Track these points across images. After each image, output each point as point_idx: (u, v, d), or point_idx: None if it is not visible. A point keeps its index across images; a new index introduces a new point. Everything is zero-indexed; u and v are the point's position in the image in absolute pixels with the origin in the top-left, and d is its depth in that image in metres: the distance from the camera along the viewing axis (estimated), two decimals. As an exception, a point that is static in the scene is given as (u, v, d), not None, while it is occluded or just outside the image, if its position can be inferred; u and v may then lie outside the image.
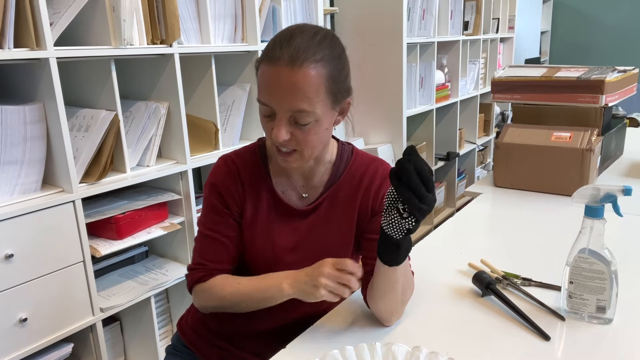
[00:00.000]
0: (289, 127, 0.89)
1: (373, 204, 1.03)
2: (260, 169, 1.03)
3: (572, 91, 1.68)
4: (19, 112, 1.31)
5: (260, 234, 1.02)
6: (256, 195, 1.02)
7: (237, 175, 1.01)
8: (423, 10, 2.83)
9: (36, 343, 1.37)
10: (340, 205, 1.03)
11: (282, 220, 1.02)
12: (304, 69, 0.86)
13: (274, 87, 0.87)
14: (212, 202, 1.02)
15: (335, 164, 1.04)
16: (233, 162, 1.03)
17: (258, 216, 1.02)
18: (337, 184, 1.03)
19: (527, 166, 1.66)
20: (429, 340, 0.90)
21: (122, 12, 1.42)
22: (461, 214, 1.55)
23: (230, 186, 1.01)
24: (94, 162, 1.48)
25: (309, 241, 1.03)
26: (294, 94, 0.86)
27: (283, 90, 0.86)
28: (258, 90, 0.91)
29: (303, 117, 0.89)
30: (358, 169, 1.04)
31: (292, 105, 0.87)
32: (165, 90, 1.67)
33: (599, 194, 0.92)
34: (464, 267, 1.18)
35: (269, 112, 0.90)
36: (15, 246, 1.29)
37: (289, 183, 1.04)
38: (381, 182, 1.03)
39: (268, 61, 0.88)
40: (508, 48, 4.14)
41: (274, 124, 0.90)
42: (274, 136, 0.89)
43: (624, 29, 5.14)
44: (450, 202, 3.50)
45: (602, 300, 0.92)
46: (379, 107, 2.78)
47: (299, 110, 0.88)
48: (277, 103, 0.88)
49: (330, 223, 1.03)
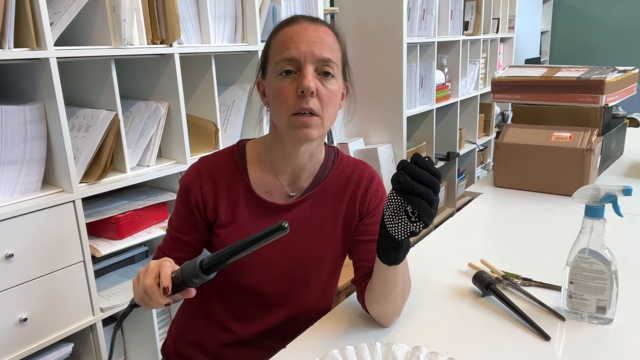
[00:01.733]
0: (314, 79, 0.90)
1: (361, 208, 1.03)
2: (237, 170, 1.01)
3: (572, 91, 1.68)
4: (19, 112, 1.31)
5: (238, 234, 0.99)
6: (233, 196, 1.00)
7: (209, 176, 1.00)
8: (423, 10, 2.83)
9: (36, 343, 1.37)
10: (324, 206, 1.02)
11: (264, 219, 1.00)
12: (324, 27, 0.93)
13: (300, 38, 0.89)
14: (177, 203, 1.03)
15: (323, 165, 1.04)
16: (206, 164, 1.02)
17: (236, 217, 1.00)
18: (323, 184, 1.03)
19: (527, 166, 1.66)
20: (429, 340, 0.90)
21: (122, 12, 1.42)
22: (461, 214, 1.55)
23: (200, 188, 1.00)
24: (94, 162, 1.48)
25: (290, 239, 0.99)
26: (321, 43, 0.90)
27: (310, 40, 0.89)
28: (277, 51, 0.91)
29: (328, 67, 0.90)
30: (344, 171, 1.04)
31: (321, 52, 0.89)
32: (165, 90, 1.67)
33: (599, 194, 0.92)
34: (464, 267, 1.18)
35: (294, 67, 0.90)
36: (15, 246, 1.29)
37: (275, 182, 1.02)
38: (368, 185, 1.03)
39: (288, 24, 0.92)
40: (508, 48, 4.14)
41: (299, 79, 0.89)
42: (305, 85, 0.88)
43: (624, 29, 5.14)
44: (450, 202, 3.50)
45: (602, 300, 0.92)
46: (379, 107, 2.78)
47: (326, 59, 0.90)
48: (305, 51, 0.89)
49: (313, 223, 1.02)
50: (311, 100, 0.89)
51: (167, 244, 1.05)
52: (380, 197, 1.04)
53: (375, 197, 1.03)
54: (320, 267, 1.04)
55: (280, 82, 0.91)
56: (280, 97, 0.91)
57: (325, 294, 1.10)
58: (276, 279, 1.02)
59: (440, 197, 3.37)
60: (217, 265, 0.76)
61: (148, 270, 0.81)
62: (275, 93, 0.92)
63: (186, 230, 1.02)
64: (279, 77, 0.91)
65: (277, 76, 0.91)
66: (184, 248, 1.03)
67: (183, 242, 1.03)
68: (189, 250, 1.04)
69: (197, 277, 0.77)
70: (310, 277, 1.04)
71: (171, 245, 1.04)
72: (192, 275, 0.77)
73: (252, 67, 1.93)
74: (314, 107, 0.90)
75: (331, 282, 1.10)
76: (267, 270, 1.01)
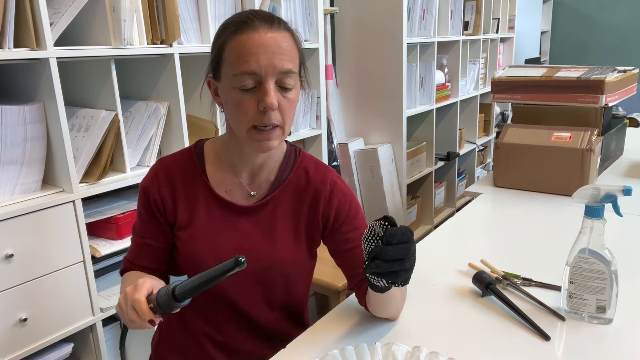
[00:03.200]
0: (276, 94, 0.87)
1: (326, 212, 1.00)
2: (195, 170, 0.99)
3: (572, 91, 1.68)
4: (19, 112, 1.31)
5: (199, 235, 0.98)
6: (191, 196, 0.98)
7: (166, 177, 0.98)
8: (423, 10, 2.83)
9: (36, 343, 1.37)
10: (284, 209, 1.00)
11: (225, 220, 0.98)
12: (282, 30, 0.88)
13: (259, 50, 0.84)
14: (139, 208, 1.01)
15: (283, 164, 1.01)
16: (163, 165, 1.00)
17: (195, 217, 0.98)
18: (283, 186, 1.00)
19: (527, 166, 1.66)
20: (429, 340, 0.90)
21: (122, 12, 1.42)
22: (461, 214, 1.55)
23: (157, 190, 0.98)
24: (94, 162, 1.48)
25: (253, 242, 0.98)
26: (281, 53, 0.85)
27: (270, 51, 0.85)
28: (235, 63, 0.86)
29: (288, 80, 0.87)
30: (304, 173, 1.01)
31: (282, 64, 0.85)
32: (165, 90, 1.67)
33: (599, 194, 0.92)
34: (464, 267, 1.18)
35: (253, 82, 0.86)
36: (15, 246, 1.29)
37: (234, 181, 0.99)
38: (331, 189, 1.00)
39: (244, 30, 0.85)
40: (508, 48, 4.14)
41: (260, 95, 0.86)
42: (268, 102, 0.85)
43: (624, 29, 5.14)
44: (450, 202, 3.50)
45: (602, 300, 0.92)
46: (379, 107, 2.78)
47: (286, 71, 0.86)
48: (265, 65, 0.84)
49: (275, 226, 0.99)
50: (272, 114, 0.87)
51: (134, 253, 1.04)
52: (350, 200, 1.01)
53: (344, 202, 1.01)
54: (286, 271, 1.01)
55: (239, 95, 0.87)
56: (239, 109, 0.88)
57: (294, 297, 1.07)
58: (243, 286, 0.99)
59: (441, 197, 3.37)
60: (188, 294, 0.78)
61: (128, 307, 0.80)
62: (233, 105, 0.89)
63: (151, 234, 1.00)
64: (237, 90, 0.87)
65: (235, 88, 0.87)
66: (152, 254, 1.02)
67: (150, 246, 1.01)
68: (158, 255, 1.02)
69: (172, 307, 0.79)
70: (275, 282, 1.01)
71: (139, 253, 1.03)
72: (169, 306, 0.79)
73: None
74: (276, 120, 0.88)
75: (301, 285, 1.07)
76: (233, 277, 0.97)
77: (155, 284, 0.83)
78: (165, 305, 0.79)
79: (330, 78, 2.58)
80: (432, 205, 3.19)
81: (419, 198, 3.14)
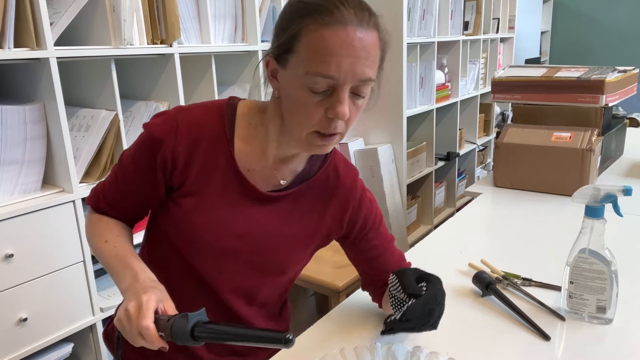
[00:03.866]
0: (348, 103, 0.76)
1: (353, 219, 0.94)
2: (222, 135, 0.85)
3: (572, 91, 1.68)
4: (19, 112, 1.31)
5: (204, 209, 0.86)
6: (209, 164, 0.85)
7: (188, 135, 0.83)
8: (423, 10, 2.83)
9: (36, 343, 1.37)
10: (306, 206, 0.91)
11: (238, 202, 0.87)
12: (371, 29, 0.75)
13: (343, 52, 0.72)
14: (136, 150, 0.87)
15: (313, 157, 0.92)
16: (186, 119, 0.84)
17: (206, 188, 0.85)
18: (310, 182, 0.91)
19: (527, 166, 1.66)
20: (429, 340, 0.90)
21: (122, 12, 1.42)
22: (461, 214, 1.55)
23: (172, 147, 0.83)
24: (94, 162, 1.48)
25: (261, 233, 0.89)
26: (365, 59, 0.74)
27: (355, 55, 0.73)
28: (312, 61, 0.73)
29: (364, 88, 0.77)
30: (334, 172, 0.93)
31: (363, 72, 0.74)
32: (165, 90, 1.67)
33: (599, 194, 0.92)
34: (464, 267, 1.18)
35: (327, 85, 0.74)
36: (15, 246, 1.29)
37: (261, 161, 0.87)
38: (361, 196, 0.95)
39: (329, 22, 0.72)
40: (508, 48, 4.14)
41: (332, 101, 0.75)
42: (340, 113, 0.75)
43: (624, 29, 5.14)
44: (450, 202, 3.50)
45: (602, 300, 0.92)
46: (379, 107, 2.75)
47: (366, 80, 0.75)
48: (346, 70, 0.73)
49: (290, 221, 0.90)
50: (339, 123, 0.78)
51: (113, 196, 0.90)
52: (376, 208, 0.97)
53: (371, 210, 0.96)
54: (285, 271, 0.94)
55: (306, 95, 0.76)
56: (303, 111, 0.77)
57: (278, 296, 1.00)
58: (231, 271, 0.90)
59: (441, 197, 3.37)
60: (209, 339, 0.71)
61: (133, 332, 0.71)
62: (298, 104, 0.78)
63: (141, 187, 0.87)
64: (306, 90, 0.75)
65: (305, 88, 0.75)
66: (131, 205, 0.90)
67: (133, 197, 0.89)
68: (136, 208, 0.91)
69: (186, 343, 0.71)
70: (266, 280, 0.94)
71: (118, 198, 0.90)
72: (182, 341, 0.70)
73: (252, 67, 1.93)
74: (341, 129, 0.79)
75: (286, 288, 1.01)
76: (224, 258, 0.88)
77: (161, 296, 0.74)
78: (178, 339, 0.70)
79: (330, 78, 2.57)
80: (432, 205, 3.19)
81: (419, 198, 3.14)
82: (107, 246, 0.86)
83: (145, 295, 0.72)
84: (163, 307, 0.73)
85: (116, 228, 0.90)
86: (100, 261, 0.87)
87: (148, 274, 0.80)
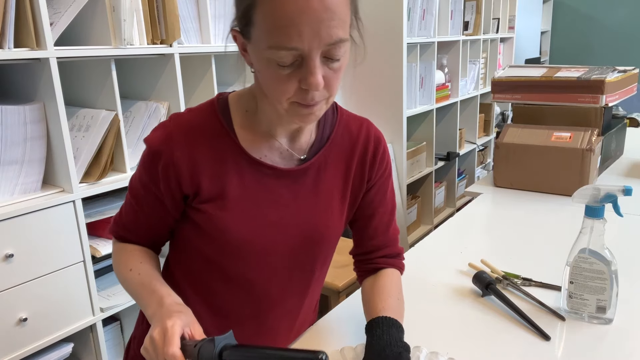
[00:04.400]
0: (321, 70, 0.71)
1: (370, 174, 0.90)
2: (221, 130, 0.82)
3: (572, 91, 1.68)
4: (19, 112, 1.31)
5: (233, 208, 0.82)
6: (218, 162, 0.82)
7: (184, 139, 0.80)
8: (423, 10, 2.83)
9: (36, 343, 1.37)
10: (330, 173, 0.87)
11: (262, 189, 0.84)
12: None
13: (301, 18, 0.65)
14: (141, 172, 0.84)
15: (321, 122, 0.88)
16: (179, 124, 0.81)
17: (226, 187, 0.82)
18: (327, 147, 0.87)
19: (527, 166, 1.66)
20: (429, 340, 0.90)
21: (122, 12, 1.42)
22: (461, 214, 1.55)
23: (170, 155, 0.80)
24: (94, 162, 1.48)
25: (294, 214, 0.85)
26: (330, 19, 0.67)
27: (316, 18, 0.66)
28: (270, 33, 0.67)
29: (337, 50, 0.70)
30: (347, 129, 0.89)
31: (330, 34, 0.67)
32: (165, 90, 1.67)
33: (599, 194, 0.92)
34: (464, 267, 1.18)
35: (293, 57, 0.69)
36: (15, 246, 1.29)
37: (272, 144, 0.84)
38: (376, 146, 0.90)
39: None
40: (508, 48, 4.14)
41: (302, 72, 0.70)
42: (313, 84, 0.69)
43: (624, 29, 5.14)
44: (450, 202, 3.50)
45: (602, 300, 0.92)
46: (379, 107, 2.77)
47: (336, 42, 0.69)
48: (310, 38, 0.66)
49: (319, 194, 0.87)
50: (317, 92, 0.72)
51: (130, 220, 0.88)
52: (386, 164, 0.92)
53: (382, 165, 0.91)
54: (328, 245, 0.90)
55: (275, 70, 0.71)
56: (277, 85, 0.72)
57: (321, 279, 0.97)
58: (276, 268, 0.87)
59: (441, 197, 3.37)
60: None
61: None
62: (269, 79, 0.73)
63: (153, 207, 0.84)
64: (274, 64, 0.70)
65: (272, 62, 0.70)
66: (150, 228, 0.87)
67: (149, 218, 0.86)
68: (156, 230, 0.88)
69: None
70: (316, 259, 0.90)
71: (135, 222, 0.88)
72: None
73: (252, 67, 1.93)
74: (321, 97, 0.74)
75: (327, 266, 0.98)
76: (268, 256, 0.86)
77: (187, 320, 0.71)
78: None
79: (330, 78, 2.57)
80: (432, 205, 3.19)
81: (419, 198, 3.14)
82: (131, 274, 0.84)
83: (170, 320, 0.68)
84: (190, 331, 0.70)
85: (140, 254, 0.87)
86: (127, 291, 0.85)
87: (174, 297, 0.77)
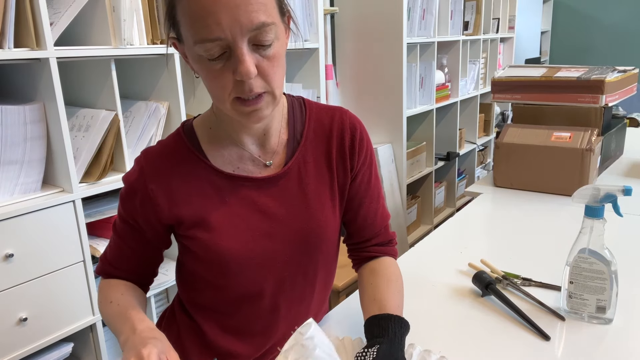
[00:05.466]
0: (252, 58, 0.70)
1: (351, 163, 0.88)
2: (189, 154, 0.83)
3: (572, 91, 1.68)
4: (19, 112, 1.31)
5: (220, 229, 0.82)
6: (193, 186, 0.82)
7: (155, 171, 0.82)
8: (423, 10, 2.83)
9: (36, 343, 1.37)
10: (312, 170, 0.87)
11: (245, 202, 0.83)
12: None
13: (216, 5, 0.65)
14: (119, 209, 0.87)
15: (290, 120, 0.87)
16: (148, 157, 0.83)
17: (207, 210, 0.82)
18: (302, 145, 0.86)
19: (527, 166, 1.66)
20: (428, 340, 0.90)
21: (122, 12, 1.42)
22: (461, 214, 1.55)
23: (144, 188, 0.82)
24: (94, 162, 1.48)
25: (285, 220, 0.84)
26: (247, 4, 0.66)
27: (232, 5, 0.66)
28: (191, 28, 0.68)
29: (265, 35, 0.69)
30: (319, 122, 0.88)
31: (250, 19, 0.67)
32: (165, 90, 1.67)
33: (599, 194, 0.92)
34: (464, 267, 1.18)
35: (220, 48, 0.68)
36: (15, 246, 1.29)
37: (242, 154, 0.84)
38: (352, 134, 0.88)
39: None
40: (508, 48, 4.14)
41: (233, 63, 0.69)
42: (243, 73, 0.69)
43: (624, 29, 5.14)
44: (450, 202, 3.50)
45: (602, 300, 0.92)
46: (379, 107, 2.78)
47: (259, 26, 0.68)
48: (232, 25, 0.66)
49: (308, 194, 0.86)
50: (253, 82, 0.71)
51: (115, 255, 0.90)
52: (366, 150, 0.90)
53: (361, 152, 0.89)
54: (328, 244, 0.90)
55: (207, 65, 0.71)
56: (214, 82, 0.72)
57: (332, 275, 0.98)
58: (283, 278, 0.87)
59: (441, 197, 3.37)
60: None
61: None
62: (206, 77, 0.73)
63: (134, 239, 0.87)
64: (205, 60, 0.70)
65: (202, 58, 0.70)
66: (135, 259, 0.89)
67: (133, 251, 0.88)
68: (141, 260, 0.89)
69: None
70: (318, 260, 0.90)
71: (119, 256, 0.89)
72: None
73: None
74: (259, 87, 0.72)
75: (334, 265, 0.97)
76: (270, 268, 0.85)
77: (163, 347, 0.70)
78: None
79: (330, 78, 2.58)
80: (432, 205, 3.19)
81: (419, 198, 3.14)
82: (111, 307, 0.84)
83: (146, 349, 0.67)
84: (166, 359, 0.68)
85: (122, 287, 0.88)
86: (107, 324, 0.84)
87: (148, 323, 0.76)
